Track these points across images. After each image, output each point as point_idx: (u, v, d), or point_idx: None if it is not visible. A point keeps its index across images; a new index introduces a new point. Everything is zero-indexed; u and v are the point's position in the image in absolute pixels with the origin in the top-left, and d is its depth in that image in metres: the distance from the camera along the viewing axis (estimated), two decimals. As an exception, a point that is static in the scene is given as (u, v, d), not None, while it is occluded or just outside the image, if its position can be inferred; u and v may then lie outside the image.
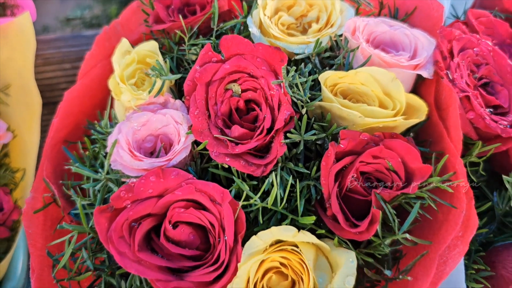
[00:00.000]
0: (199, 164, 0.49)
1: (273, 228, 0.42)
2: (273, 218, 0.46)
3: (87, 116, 0.57)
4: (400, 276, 0.44)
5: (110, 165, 0.46)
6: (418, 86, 0.54)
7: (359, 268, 0.47)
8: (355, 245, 0.47)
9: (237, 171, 0.46)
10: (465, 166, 0.50)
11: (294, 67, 0.46)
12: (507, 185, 0.48)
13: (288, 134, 0.45)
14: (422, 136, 0.53)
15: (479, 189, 0.55)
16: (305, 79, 0.47)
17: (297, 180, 0.45)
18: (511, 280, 0.44)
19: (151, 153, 0.50)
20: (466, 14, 0.58)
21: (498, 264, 0.48)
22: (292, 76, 0.46)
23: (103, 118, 0.54)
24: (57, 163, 0.54)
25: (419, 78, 0.53)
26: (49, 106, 0.80)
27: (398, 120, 0.46)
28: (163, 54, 0.55)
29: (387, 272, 0.46)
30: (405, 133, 0.51)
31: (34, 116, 0.74)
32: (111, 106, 0.54)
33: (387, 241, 0.44)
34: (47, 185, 0.52)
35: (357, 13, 0.58)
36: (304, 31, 0.56)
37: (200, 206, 0.45)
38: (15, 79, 0.77)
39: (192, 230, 0.45)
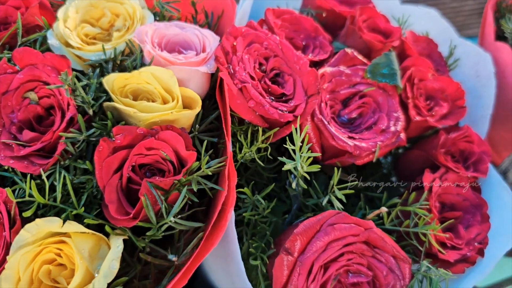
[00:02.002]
0: (-3, 170, 0.52)
1: (38, 220, 0.45)
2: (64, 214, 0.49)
3: None
4: (180, 256, 0.47)
5: None
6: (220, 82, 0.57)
7: (148, 255, 0.50)
8: (143, 233, 0.50)
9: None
10: (256, 152, 0.53)
11: (75, 73, 0.50)
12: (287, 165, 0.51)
13: (67, 134, 0.48)
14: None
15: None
16: (85, 82, 0.51)
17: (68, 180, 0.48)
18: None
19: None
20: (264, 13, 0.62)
21: (283, 241, 0.51)
22: (74, 81, 0.50)
23: None
24: None
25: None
26: None
27: (170, 113, 0.49)
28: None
29: (171, 257, 0.48)
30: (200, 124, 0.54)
31: None
32: None
33: (164, 226, 0.47)
34: None
35: (164, 19, 0.61)
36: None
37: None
38: None
39: (-16, 232, 0.48)
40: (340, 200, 0.52)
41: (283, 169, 0.49)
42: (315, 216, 0.48)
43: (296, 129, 0.48)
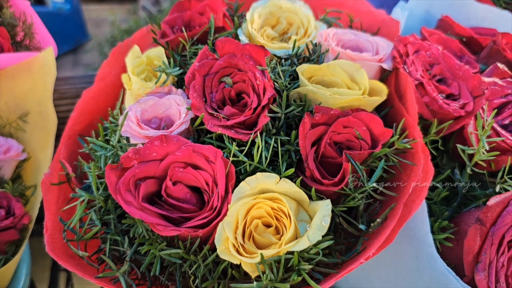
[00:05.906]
0: (196, 140, 0.57)
1: (258, 174, 0.49)
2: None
3: (100, 115, 0.66)
4: (372, 224, 0.51)
5: (120, 135, 0.54)
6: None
7: (336, 227, 0.53)
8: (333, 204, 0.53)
9: (227, 139, 0.54)
10: (426, 144, 0.58)
11: (276, 59, 0.57)
12: (462, 154, 0.56)
13: (272, 108, 0.54)
14: (389, 122, 0.61)
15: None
16: (285, 67, 0.57)
17: (279, 145, 0.53)
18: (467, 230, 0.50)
19: (156, 134, 0.58)
20: (420, 32, 0.69)
21: (461, 223, 0.54)
22: (274, 65, 0.56)
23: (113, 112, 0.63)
24: (72, 151, 0.62)
25: (381, 75, 0.63)
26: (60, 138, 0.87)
27: (363, 98, 0.55)
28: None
29: (362, 227, 0.52)
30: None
31: (49, 136, 0.82)
32: (122, 102, 0.63)
33: (359, 195, 0.51)
34: (62, 165, 0.59)
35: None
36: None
37: (196, 168, 0.53)
38: (34, 107, 0.86)
39: (189, 191, 0.52)
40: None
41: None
42: (503, 193, 0.51)
43: (476, 116, 0.53)
